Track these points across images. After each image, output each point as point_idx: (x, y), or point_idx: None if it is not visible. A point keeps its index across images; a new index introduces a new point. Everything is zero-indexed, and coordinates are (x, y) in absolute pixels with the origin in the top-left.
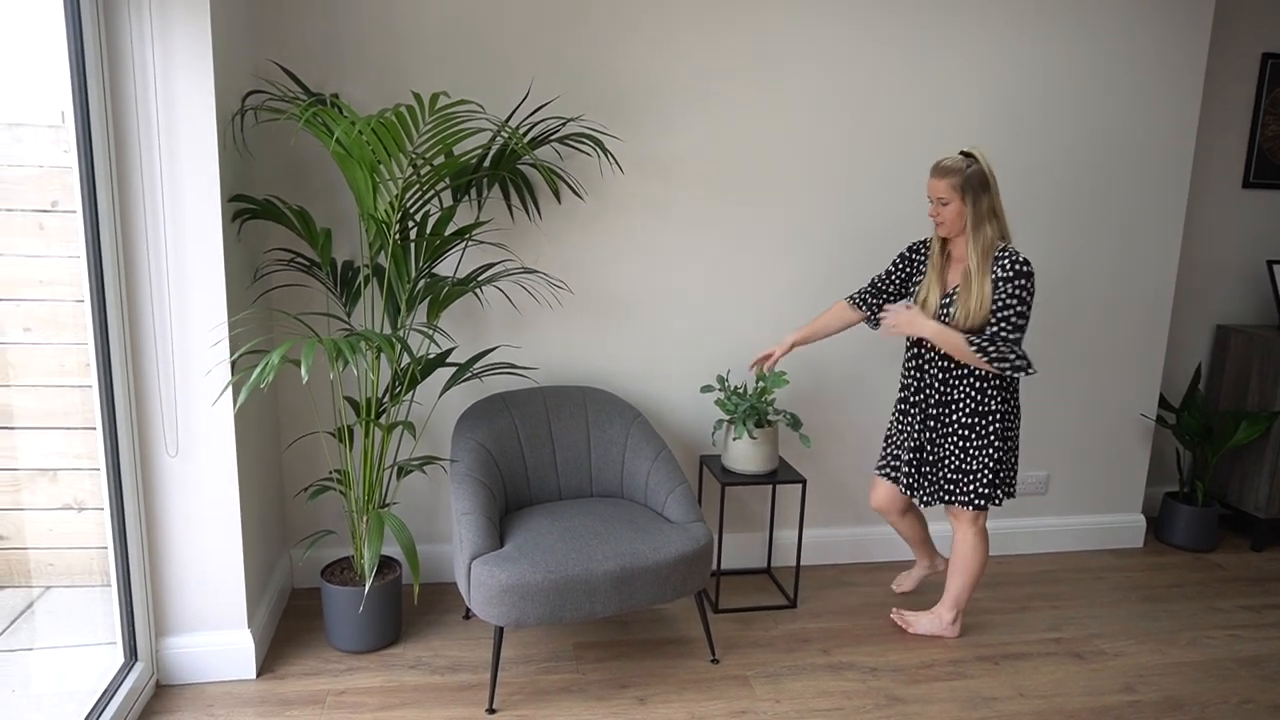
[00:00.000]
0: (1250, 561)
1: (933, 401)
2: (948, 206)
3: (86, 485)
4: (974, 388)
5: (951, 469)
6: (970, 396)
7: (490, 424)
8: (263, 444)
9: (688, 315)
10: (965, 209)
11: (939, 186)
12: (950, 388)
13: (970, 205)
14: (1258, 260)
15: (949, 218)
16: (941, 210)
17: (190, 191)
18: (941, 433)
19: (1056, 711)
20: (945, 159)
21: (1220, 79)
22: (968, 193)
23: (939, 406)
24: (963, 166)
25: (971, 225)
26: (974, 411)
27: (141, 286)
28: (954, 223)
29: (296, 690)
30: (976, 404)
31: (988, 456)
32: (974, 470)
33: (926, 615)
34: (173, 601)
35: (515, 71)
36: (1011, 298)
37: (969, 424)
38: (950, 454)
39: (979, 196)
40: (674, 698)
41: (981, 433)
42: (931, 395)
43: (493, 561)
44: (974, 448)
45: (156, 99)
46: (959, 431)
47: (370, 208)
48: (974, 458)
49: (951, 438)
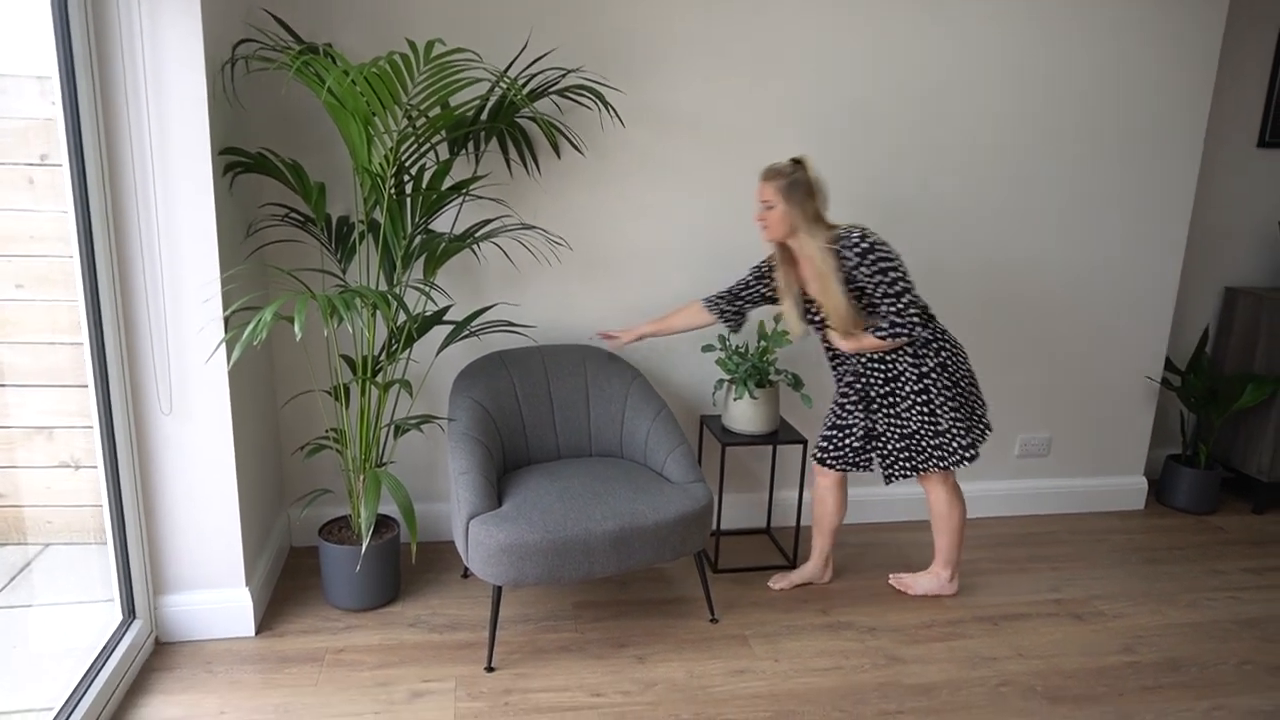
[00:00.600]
0: (1252, 524)
1: (876, 382)
2: (773, 210)
3: (82, 443)
4: (910, 356)
5: (927, 438)
6: (910, 365)
7: (488, 382)
8: (258, 402)
9: (689, 272)
10: (791, 212)
11: (765, 190)
12: (888, 365)
13: (797, 208)
14: (1269, 221)
15: (773, 221)
16: (767, 214)
17: (179, 143)
18: (899, 408)
19: (1055, 672)
20: (775, 163)
21: (1238, 34)
22: (793, 196)
23: (885, 385)
24: (788, 171)
25: (805, 227)
26: (920, 376)
27: (131, 242)
28: (777, 226)
29: (295, 648)
30: (917, 369)
31: (951, 409)
32: (945, 429)
33: (925, 575)
34: (170, 559)
35: (512, 22)
36: (875, 275)
37: (920, 389)
38: (920, 426)
39: (805, 202)
40: (673, 656)
41: (936, 392)
42: (874, 378)
43: (490, 521)
44: (936, 408)
45: (143, 47)
46: (914, 400)
47: (365, 161)
48: (940, 418)
49: (912, 410)
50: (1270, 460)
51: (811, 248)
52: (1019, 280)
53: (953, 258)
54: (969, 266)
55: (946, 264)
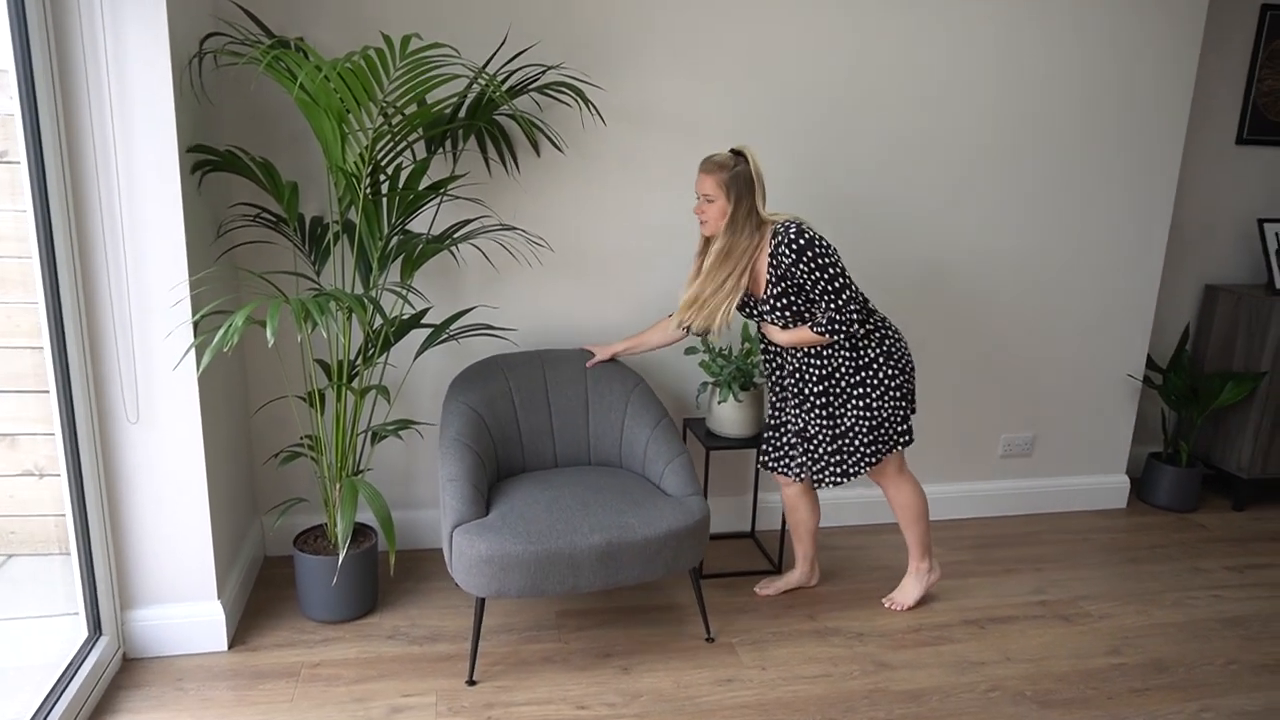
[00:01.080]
0: (1232, 521)
1: (811, 378)
2: (713, 204)
3: (46, 451)
4: (848, 349)
5: (864, 432)
6: (848, 359)
7: (484, 387)
8: (230, 409)
9: (671, 273)
10: (728, 207)
11: (705, 182)
12: (825, 360)
13: (732, 204)
14: (1248, 219)
15: (713, 215)
16: (706, 208)
17: (144, 141)
18: (836, 402)
19: (1044, 675)
20: (715, 155)
21: (1218, 31)
22: (732, 191)
23: (822, 382)
24: (730, 164)
25: (726, 225)
26: (857, 369)
27: (94, 243)
28: (716, 220)
29: (270, 662)
30: (856, 361)
31: (890, 400)
32: (885, 420)
33: (909, 581)
34: (139, 573)
35: (490, 17)
36: (813, 272)
37: (859, 381)
38: (857, 419)
39: (743, 197)
40: (658, 667)
41: (874, 383)
42: (808, 373)
43: (474, 530)
44: (875, 400)
45: (105, 39)
46: (852, 393)
47: (339, 160)
48: (879, 409)
49: (850, 403)
50: (1249, 457)
51: (709, 257)
52: (1002, 280)
53: (934, 257)
54: (951, 266)
55: (929, 263)
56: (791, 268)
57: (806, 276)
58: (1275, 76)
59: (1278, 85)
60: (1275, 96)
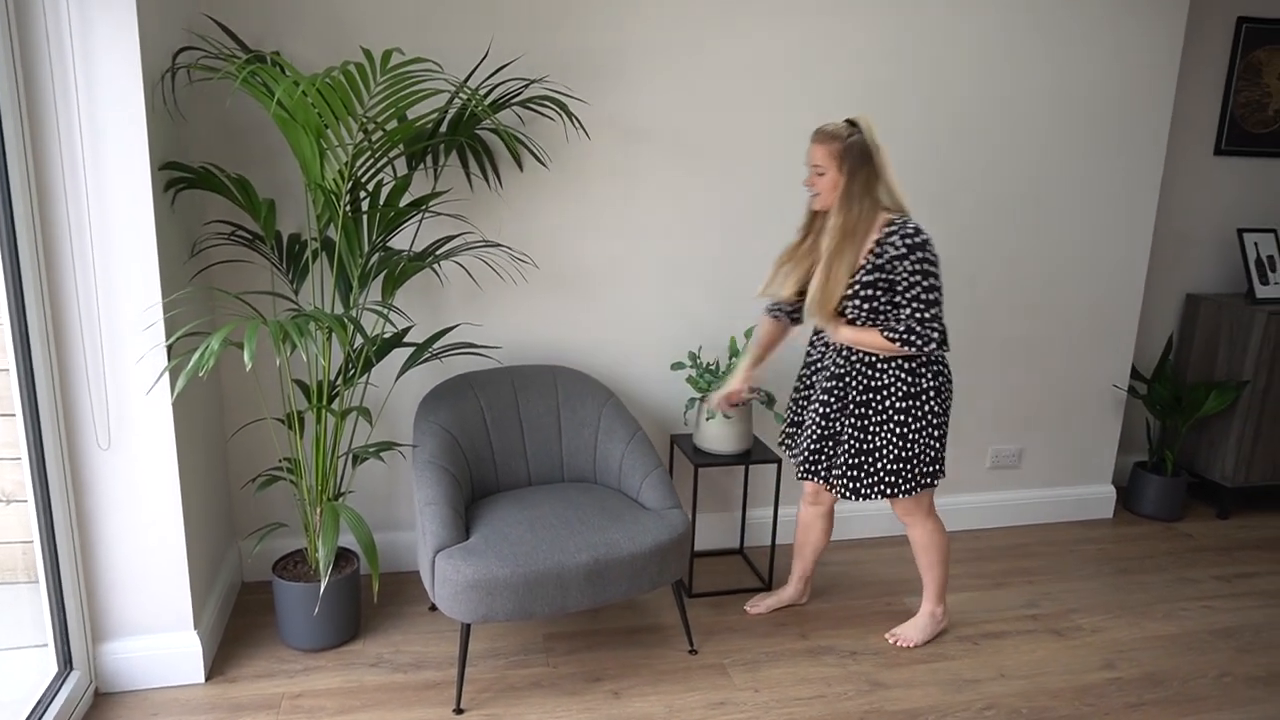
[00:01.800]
0: (1218, 530)
1: (856, 387)
2: (824, 176)
3: (12, 475)
4: (905, 369)
5: (889, 459)
6: (902, 380)
7: (455, 406)
8: (205, 433)
9: (658, 289)
10: (840, 180)
11: (816, 152)
12: (878, 373)
13: (846, 177)
14: (1228, 228)
15: (824, 188)
16: (817, 180)
17: (115, 158)
18: (875, 420)
19: (1039, 691)
20: (828, 124)
21: (1194, 43)
22: (845, 162)
23: (866, 393)
24: (844, 134)
25: (841, 199)
26: (907, 394)
27: (63, 263)
28: (829, 194)
29: (249, 694)
30: (910, 386)
31: (928, 437)
32: (916, 455)
33: (920, 622)
34: (111, 604)
35: (472, 30)
36: (915, 274)
37: (904, 408)
38: (887, 443)
39: (856, 169)
40: (649, 690)
41: (917, 414)
42: (855, 382)
43: (458, 555)
44: (912, 432)
45: (73, 54)
46: (894, 418)
47: (317, 176)
48: (914, 442)
49: (887, 425)
50: (1233, 465)
51: (829, 236)
52: (987, 292)
53: None
54: None
55: None
56: (895, 260)
57: (906, 276)
58: (1252, 88)
59: (1255, 97)
60: (1252, 108)
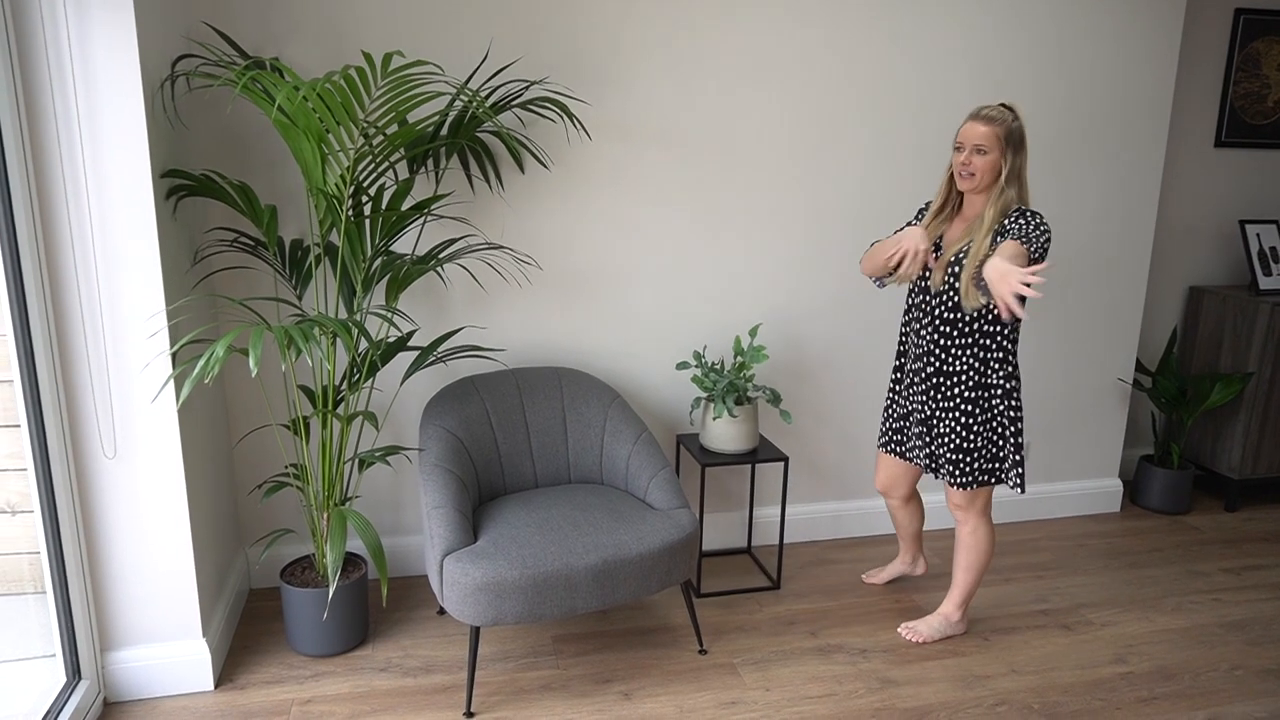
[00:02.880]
0: (1225, 523)
1: (932, 370)
2: (986, 156)
3: (18, 486)
4: (978, 358)
5: (951, 446)
6: (973, 368)
7: (460, 410)
8: (211, 440)
9: (662, 289)
10: (1001, 164)
11: (980, 132)
12: (953, 357)
13: (1008, 161)
14: (1230, 220)
15: (982, 169)
16: (975, 160)
17: (116, 167)
18: (944, 406)
19: (1051, 686)
20: (988, 107)
21: (1193, 35)
22: (1009, 146)
23: (938, 376)
24: (1008, 118)
25: (1004, 180)
26: (976, 384)
27: (66, 272)
28: (985, 175)
29: (258, 701)
30: (980, 375)
31: (990, 431)
32: (975, 448)
33: (935, 622)
34: (119, 614)
35: (471, 32)
36: (1023, 228)
37: (971, 398)
38: (951, 429)
39: (1017, 154)
40: (659, 691)
41: (984, 407)
42: (932, 363)
43: (466, 558)
44: (976, 423)
45: (72, 63)
46: (960, 406)
47: (319, 181)
48: (977, 434)
49: (953, 412)
50: (1240, 458)
51: (987, 215)
52: None
53: None
54: None
55: None
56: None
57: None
58: (1250, 80)
59: (1253, 88)
60: (1251, 99)
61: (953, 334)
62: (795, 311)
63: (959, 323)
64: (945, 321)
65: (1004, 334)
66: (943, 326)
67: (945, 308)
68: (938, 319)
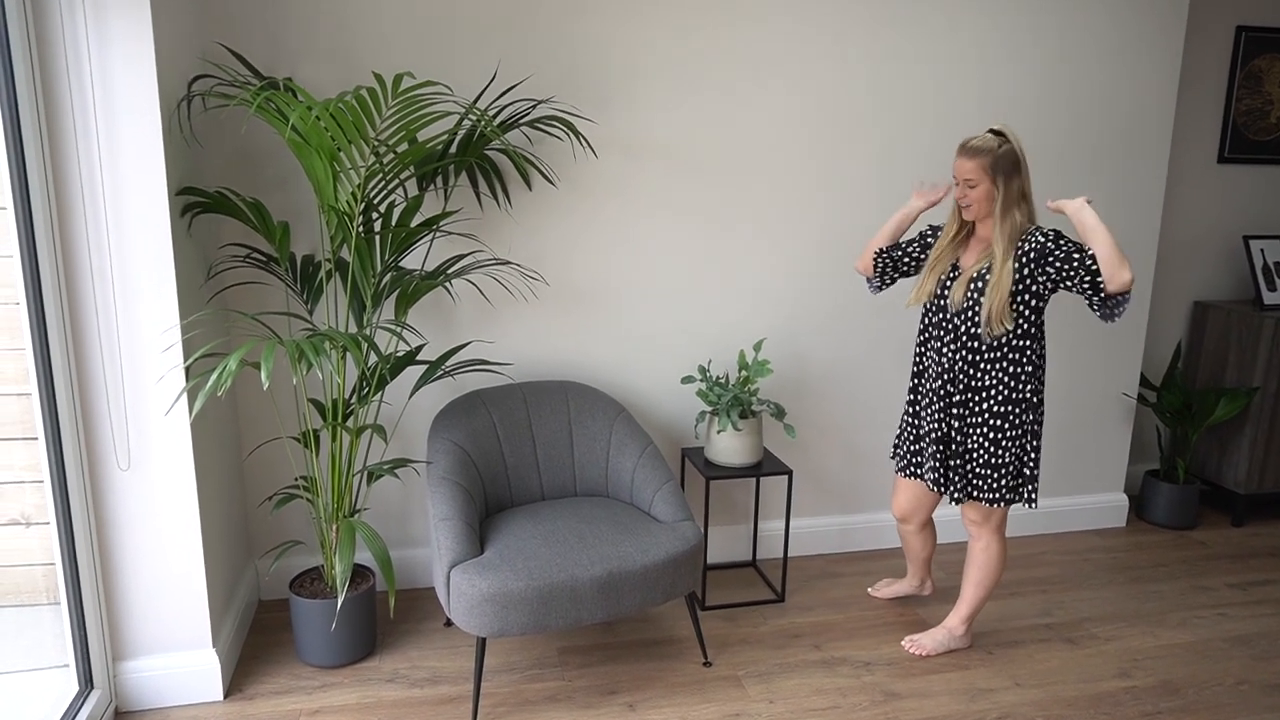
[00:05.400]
0: (1231, 538)
1: (959, 388)
2: (976, 189)
3: (34, 499)
4: (1009, 374)
5: (979, 462)
6: (1004, 383)
7: (467, 423)
8: (223, 452)
9: (667, 304)
10: (995, 192)
11: (967, 167)
12: (982, 373)
13: (1001, 188)
14: (1233, 236)
15: (976, 200)
16: (969, 193)
17: (133, 184)
18: (971, 422)
19: (1055, 700)
20: (974, 138)
21: (1195, 52)
22: (999, 174)
23: (966, 393)
24: (993, 146)
25: (1000, 209)
26: (1006, 399)
27: (83, 287)
28: (981, 205)
29: (267, 711)
30: (1011, 390)
31: (1018, 448)
32: (1003, 464)
33: (940, 635)
34: (131, 623)
35: (479, 52)
36: (1070, 247)
37: (1001, 413)
38: (979, 445)
39: (1010, 179)
40: (664, 703)
41: (1014, 422)
42: (958, 382)
43: (473, 569)
44: (1006, 439)
45: (93, 84)
46: (989, 422)
47: (330, 199)
48: (1006, 449)
49: (981, 428)
50: (1246, 472)
51: (999, 243)
52: None
53: None
54: None
55: None
56: (1043, 254)
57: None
58: (1253, 96)
59: (1256, 105)
60: (1254, 116)
61: (981, 348)
62: (800, 326)
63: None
64: (972, 337)
65: (1034, 349)
66: (970, 343)
67: (970, 323)
68: (963, 334)
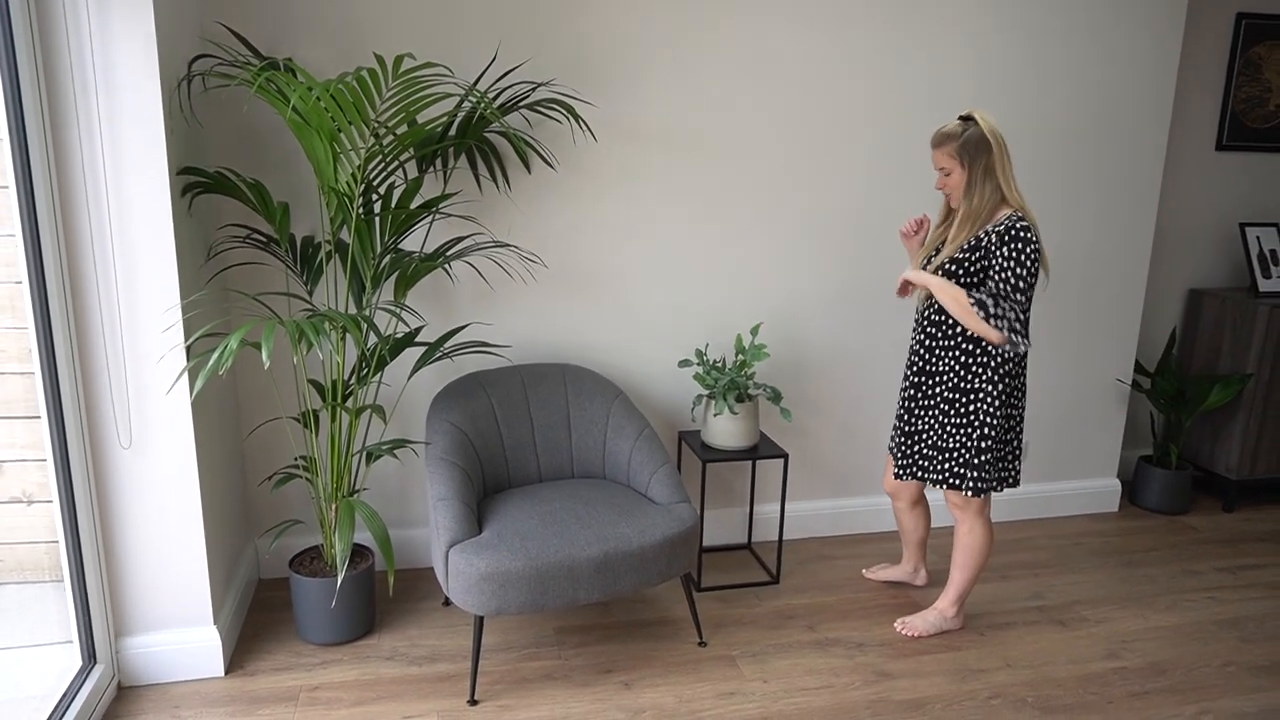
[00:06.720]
0: (1223, 523)
1: (914, 370)
2: (951, 176)
3: (36, 477)
4: (960, 362)
5: (927, 444)
6: (954, 371)
7: (466, 404)
8: (223, 431)
9: (665, 287)
10: (969, 173)
11: (938, 156)
12: (936, 358)
13: (967, 169)
14: (1230, 223)
15: (953, 186)
16: (946, 180)
17: (134, 164)
18: (924, 405)
19: (1044, 680)
20: (944, 126)
21: (1194, 40)
22: (964, 157)
23: (921, 376)
24: (958, 131)
25: (965, 188)
26: (955, 387)
27: (85, 267)
28: (958, 190)
29: (267, 687)
30: (960, 379)
31: (964, 435)
32: (950, 449)
33: (930, 616)
34: (133, 600)
35: (480, 34)
36: (1008, 260)
37: (949, 399)
38: (928, 428)
39: (976, 159)
40: (659, 681)
41: (960, 410)
42: (914, 365)
43: (470, 549)
44: (952, 425)
45: (94, 64)
46: (939, 406)
47: (330, 180)
48: (951, 435)
49: (932, 411)
50: (1238, 459)
51: (966, 208)
52: None
53: None
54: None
55: None
56: (993, 247)
57: (999, 262)
58: (1252, 84)
59: (1255, 92)
60: (1252, 103)
61: (937, 335)
62: (796, 310)
63: (944, 324)
64: (931, 323)
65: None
66: (929, 328)
67: (931, 309)
68: (925, 320)
